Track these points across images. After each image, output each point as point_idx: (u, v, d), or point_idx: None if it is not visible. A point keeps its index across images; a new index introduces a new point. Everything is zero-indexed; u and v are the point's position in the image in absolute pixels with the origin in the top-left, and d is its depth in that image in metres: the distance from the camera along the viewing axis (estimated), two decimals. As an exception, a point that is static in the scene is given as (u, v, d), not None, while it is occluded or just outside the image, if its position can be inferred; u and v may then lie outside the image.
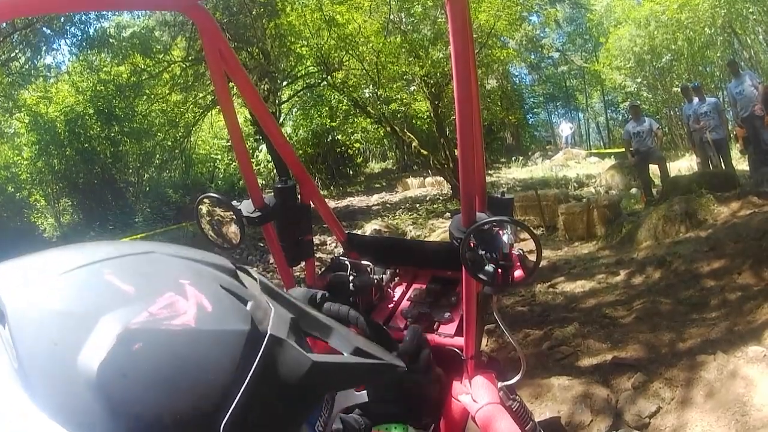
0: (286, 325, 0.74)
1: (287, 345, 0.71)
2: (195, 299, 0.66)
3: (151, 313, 0.62)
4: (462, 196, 1.36)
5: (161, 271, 0.70)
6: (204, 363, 0.62)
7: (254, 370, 0.64)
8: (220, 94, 1.66)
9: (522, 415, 1.88)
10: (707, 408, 3.34)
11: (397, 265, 2.39)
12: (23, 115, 17.89)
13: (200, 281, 0.70)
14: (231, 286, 0.73)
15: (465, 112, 1.22)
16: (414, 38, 15.46)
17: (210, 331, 0.64)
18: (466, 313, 1.71)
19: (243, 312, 0.70)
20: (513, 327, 5.19)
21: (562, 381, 3.76)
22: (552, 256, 8.59)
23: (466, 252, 1.38)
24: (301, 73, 19.28)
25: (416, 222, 13.60)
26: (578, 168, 19.16)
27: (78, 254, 0.69)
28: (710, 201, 7.75)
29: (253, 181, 1.84)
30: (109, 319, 0.60)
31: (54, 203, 19.15)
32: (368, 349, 0.91)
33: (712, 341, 4.08)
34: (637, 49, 19.44)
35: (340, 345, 0.89)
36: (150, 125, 19.89)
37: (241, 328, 0.67)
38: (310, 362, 0.72)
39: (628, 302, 5.42)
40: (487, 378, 1.86)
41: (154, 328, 0.61)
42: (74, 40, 17.33)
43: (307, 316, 0.86)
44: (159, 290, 0.65)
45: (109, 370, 0.57)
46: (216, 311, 0.67)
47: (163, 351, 0.60)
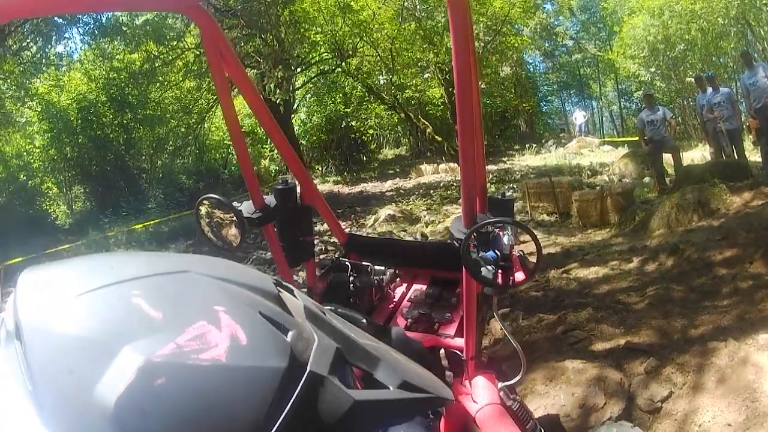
0: (329, 359, 0.69)
1: (328, 383, 0.66)
2: (229, 330, 0.62)
3: (179, 345, 0.58)
4: (463, 196, 1.37)
5: (194, 296, 0.66)
6: (233, 403, 0.58)
7: (288, 410, 0.60)
8: (221, 93, 1.67)
9: (522, 415, 1.88)
10: (718, 393, 3.37)
11: (397, 266, 2.37)
12: (35, 104, 17.96)
13: (237, 308, 0.65)
14: (272, 313, 0.68)
15: (466, 114, 1.23)
16: (428, 25, 15.45)
17: (243, 367, 0.60)
18: (467, 313, 1.72)
19: (282, 345, 0.65)
20: (528, 311, 5.23)
21: (576, 364, 3.79)
22: (566, 242, 8.64)
23: (466, 253, 1.38)
24: (315, 60, 19.24)
25: (430, 208, 13.57)
26: (592, 156, 19.07)
27: (105, 270, 0.65)
28: (723, 191, 7.76)
29: (254, 182, 1.84)
30: (132, 349, 0.56)
31: (66, 191, 19.28)
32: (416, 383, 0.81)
33: (724, 328, 4.09)
34: (651, 38, 19.30)
35: (387, 378, 0.79)
36: (163, 112, 19.99)
37: (278, 365, 0.62)
38: (352, 401, 0.67)
39: (641, 289, 5.43)
40: (487, 378, 1.87)
41: (180, 362, 0.57)
42: (87, 28, 17.32)
43: (353, 346, 0.78)
44: (190, 318, 0.61)
45: (127, 405, 0.54)
46: (251, 344, 0.62)
47: (187, 388, 0.57)
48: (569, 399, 3.51)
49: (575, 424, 3.38)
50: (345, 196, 17.64)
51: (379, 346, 0.84)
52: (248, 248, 10.85)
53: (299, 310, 0.74)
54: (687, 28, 18.21)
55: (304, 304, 0.76)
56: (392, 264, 2.35)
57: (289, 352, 0.64)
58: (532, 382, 3.74)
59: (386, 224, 11.45)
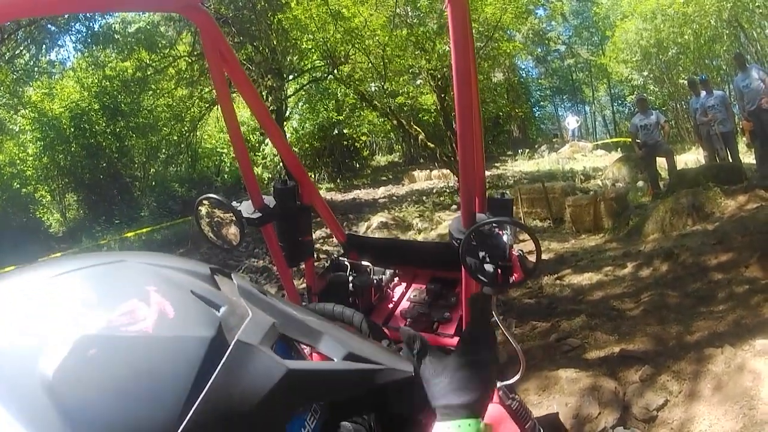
0: (262, 331, 0.71)
1: (258, 352, 0.68)
2: (158, 306, 0.66)
3: (110, 320, 0.63)
4: (462, 196, 1.37)
5: (128, 279, 0.71)
6: (160, 370, 0.61)
7: (215, 377, 0.62)
8: (220, 94, 1.67)
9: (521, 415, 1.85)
10: (715, 401, 3.35)
11: (396, 266, 2.37)
12: (28, 112, 18.01)
13: (169, 287, 0.69)
14: (203, 291, 0.72)
15: (465, 114, 1.22)
16: (420, 31, 15.44)
17: (168, 337, 0.64)
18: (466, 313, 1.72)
19: (210, 317, 0.68)
20: (521, 319, 5.23)
21: (570, 373, 3.78)
22: (559, 248, 8.62)
23: (465, 253, 1.38)
24: (308, 67, 19.31)
25: (423, 215, 13.58)
26: (585, 161, 19.17)
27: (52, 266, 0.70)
28: (717, 194, 7.74)
29: (253, 182, 1.84)
30: (69, 326, 0.61)
31: (60, 199, 19.33)
32: (365, 354, 0.85)
33: (720, 334, 4.09)
34: (643, 42, 19.40)
35: (331, 350, 0.82)
36: (156, 120, 20.00)
37: (204, 335, 0.65)
38: (285, 369, 0.69)
39: (636, 295, 5.44)
40: None
41: (111, 335, 0.61)
42: (79, 36, 17.52)
43: (291, 321, 0.81)
44: (122, 297, 0.66)
45: (64, 375, 0.58)
46: (178, 317, 0.66)
47: (117, 357, 0.60)
48: (563, 409, 3.49)
49: (569, 435, 3.35)
50: (338, 203, 17.65)
51: (324, 323, 0.88)
52: (239, 256, 10.84)
53: (233, 290, 0.78)
54: (680, 31, 18.29)
55: (238, 284, 0.80)
56: (391, 264, 2.35)
57: (218, 324, 0.67)
58: (525, 392, 3.72)
59: (378, 231, 11.46)
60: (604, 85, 31.74)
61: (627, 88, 25.42)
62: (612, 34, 22.78)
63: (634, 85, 22.34)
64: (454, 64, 1.17)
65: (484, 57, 17.60)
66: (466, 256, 1.38)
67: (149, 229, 14.85)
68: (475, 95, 1.28)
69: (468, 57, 1.19)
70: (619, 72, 22.53)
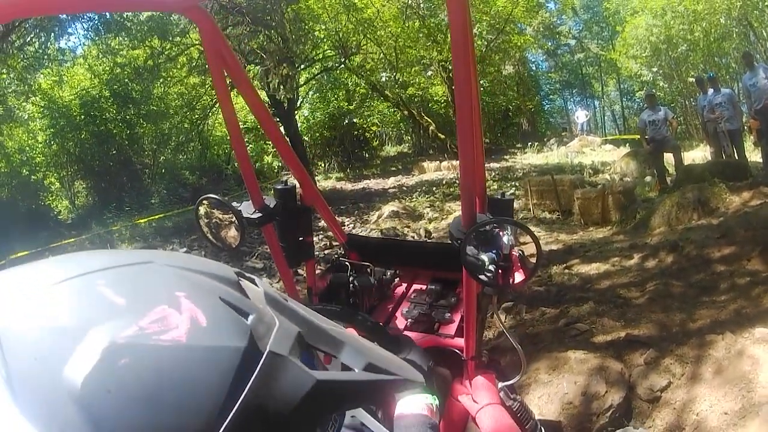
0: (290, 341, 0.71)
1: (289, 362, 0.68)
2: (189, 313, 0.64)
3: (141, 327, 0.60)
4: (462, 197, 1.37)
5: (156, 283, 0.68)
6: (193, 381, 0.60)
7: (249, 388, 0.62)
8: (220, 94, 1.67)
9: (522, 415, 1.89)
10: (715, 384, 3.46)
11: (397, 266, 2.39)
12: (38, 99, 17.91)
13: (197, 294, 0.68)
14: (231, 298, 0.70)
15: (465, 114, 1.23)
16: (432, 23, 15.47)
17: (202, 347, 0.62)
18: (466, 313, 1.72)
19: (241, 326, 0.67)
20: (530, 305, 5.32)
21: (578, 355, 3.87)
22: (567, 239, 8.71)
23: (466, 253, 1.39)
24: (319, 57, 19.27)
25: (433, 204, 13.57)
26: (593, 155, 19.05)
27: (72, 264, 0.68)
28: (722, 190, 7.80)
29: (253, 183, 1.82)
30: (97, 333, 0.59)
31: (69, 186, 19.21)
32: (382, 365, 0.85)
33: (721, 322, 4.18)
34: (653, 38, 19.32)
35: (352, 360, 0.82)
36: (167, 108, 19.94)
37: (237, 345, 0.64)
38: (314, 381, 0.69)
39: (642, 284, 5.51)
40: (487, 378, 1.88)
41: (142, 343, 0.59)
42: (90, 24, 17.31)
43: (316, 330, 0.80)
44: (152, 303, 0.64)
45: (93, 384, 0.56)
46: (211, 326, 0.64)
47: (150, 367, 0.59)
48: (572, 387, 3.59)
49: (578, 410, 3.48)
50: (348, 193, 17.66)
51: (343, 331, 0.86)
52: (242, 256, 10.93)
53: (260, 297, 0.76)
54: (689, 28, 18.23)
55: (264, 290, 0.78)
56: (392, 264, 2.37)
57: (249, 334, 0.66)
58: (536, 372, 3.83)
59: (389, 220, 11.46)
60: (614, 80, 31.52)
61: (636, 83, 25.25)
62: (622, 29, 22.65)
63: (644, 81, 22.22)
64: (454, 65, 1.19)
65: (495, 50, 17.61)
66: (466, 256, 1.39)
67: (160, 216, 14.69)
68: (475, 96, 1.28)
69: (468, 57, 1.19)
70: (629, 67, 22.41)
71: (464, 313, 1.75)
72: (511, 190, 13.32)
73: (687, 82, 19.36)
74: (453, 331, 2.02)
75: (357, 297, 2.17)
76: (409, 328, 2.09)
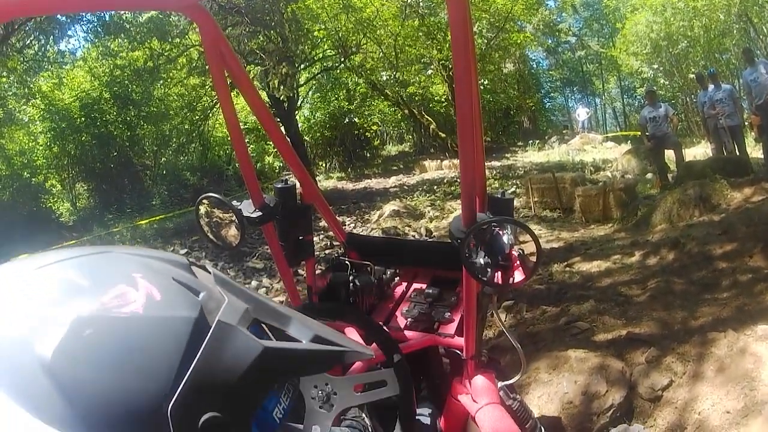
0: (238, 314, 0.77)
1: (238, 331, 0.74)
2: (145, 290, 0.71)
3: (103, 303, 0.67)
4: (462, 196, 1.38)
5: (115, 267, 0.76)
6: (151, 347, 0.66)
7: (201, 353, 0.67)
8: (221, 93, 1.67)
9: (522, 415, 1.90)
10: (717, 382, 3.42)
11: (397, 265, 2.40)
12: (39, 101, 17.92)
13: (152, 274, 0.75)
14: (183, 278, 0.77)
15: (465, 113, 1.23)
16: (431, 21, 15.45)
17: (157, 317, 0.69)
18: (466, 313, 1.73)
19: (193, 301, 0.74)
20: (531, 304, 5.29)
21: (579, 353, 3.85)
22: (569, 237, 8.69)
23: (466, 252, 1.40)
24: (319, 56, 19.26)
25: (434, 204, 13.57)
26: (594, 152, 19.05)
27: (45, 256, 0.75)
28: (724, 186, 7.79)
29: (254, 181, 1.83)
30: (64, 310, 0.66)
31: (70, 188, 19.21)
32: (329, 337, 0.90)
33: (723, 320, 4.16)
34: (653, 35, 19.28)
35: (299, 333, 0.88)
36: (167, 109, 19.94)
37: (189, 315, 0.71)
38: (261, 348, 0.74)
39: (643, 282, 5.49)
40: (486, 378, 1.88)
41: (104, 316, 0.66)
42: (90, 26, 17.35)
43: (262, 307, 0.86)
44: (111, 283, 0.71)
45: (61, 354, 0.62)
46: (165, 300, 0.71)
47: (112, 336, 0.65)
48: (572, 386, 3.57)
49: (578, 410, 3.45)
50: (349, 192, 17.65)
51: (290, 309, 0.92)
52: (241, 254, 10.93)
53: (210, 279, 0.83)
54: (689, 24, 18.19)
55: (214, 274, 0.84)
56: (392, 263, 2.37)
57: (199, 307, 0.73)
58: (536, 371, 3.80)
59: (390, 219, 11.43)
60: (614, 78, 31.48)
61: (637, 80, 25.16)
62: (622, 26, 22.61)
63: (644, 78, 22.16)
64: (454, 64, 1.19)
65: (495, 48, 17.60)
66: (466, 255, 1.41)
67: (161, 218, 14.72)
68: (476, 95, 1.28)
69: (468, 57, 1.20)
70: (629, 64, 22.38)
71: (464, 312, 1.76)
72: (512, 189, 13.35)
73: (687, 79, 19.30)
74: (453, 331, 2.02)
75: (357, 296, 2.17)
76: (408, 328, 2.09)
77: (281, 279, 2.16)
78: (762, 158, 10.82)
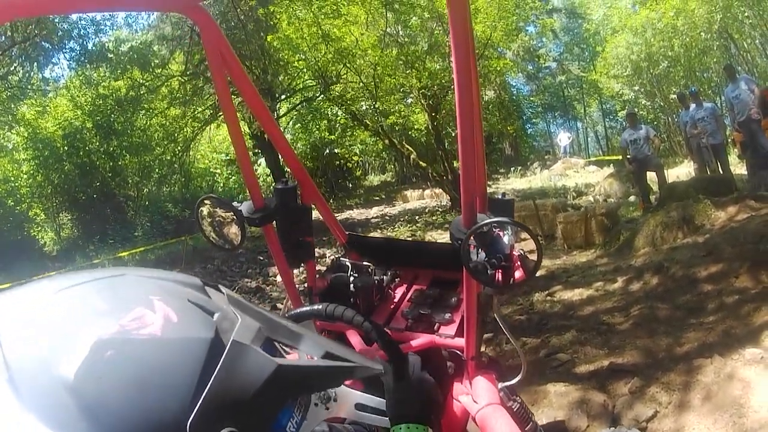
0: (251, 333, 0.79)
1: (251, 350, 0.75)
2: (162, 312, 0.72)
3: (122, 325, 0.68)
4: (463, 197, 1.36)
5: (132, 289, 0.77)
6: (170, 367, 0.67)
7: (217, 372, 0.69)
8: (222, 96, 1.68)
9: (522, 416, 1.89)
10: (704, 411, 3.36)
11: (397, 267, 2.39)
12: (22, 129, 18.02)
13: (168, 297, 0.75)
14: (198, 300, 0.78)
15: (465, 114, 1.22)
16: (411, 50, 15.51)
17: (175, 339, 0.70)
18: (467, 314, 1.72)
19: (208, 322, 0.75)
20: (510, 336, 5.21)
21: (559, 388, 3.78)
22: (550, 265, 8.65)
23: (466, 253, 1.39)
24: (299, 87, 19.34)
25: (414, 234, 13.73)
26: (577, 177, 19.25)
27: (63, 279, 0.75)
28: (707, 206, 7.76)
29: (254, 183, 1.86)
30: (85, 332, 0.66)
31: (54, 217, 19.23)
32: (339, 353, 0.94)
33: (710, 344, 4.10)
34: (634, 56, 19.51)
35: (311, 350, 0.92)
36: (149, 139, 20.06)
37: (205, 336, 0.72)
38: (275, 365, 0.76)
39: (626, 308, 5.45)
40: (487, 379, 1.87)
41: (124, 338, 0.67)
42: (73, 54, 17.56)
43: (275, 325, 0.88)
44: (130, 305, 0.71)
45: (84, 375, 0.62)
46: (181, 322, 0.72)
47: (132, 357, 0.66)
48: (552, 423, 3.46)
49: (558, 448, 3.33)
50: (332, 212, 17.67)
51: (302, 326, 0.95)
52: (233, 276, 10.80)
53: (223, 299, 0.84)
54: (670, 44, 18.41)
55: (227, 294, 0.86)
56: (392, 264, 2.38)
57: (215, 327, 0.74)
58: (513, 408, 3.69)
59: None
60: (596, 101, 31.88)
61: (618, 103, 25.48)
62: (602, 49, 22.93)
63: (626, 100, 22.41)
64: (455, 65, 1.17)
65: (475, 75, 17.69)
66: (466, 256, 1.40)
67: (143, 249, 14.85)
68: (476, 96, 1.28)
69: (468, 57, 1.19)
70: (610, 87, 22.64)
71: (465, 313, 1.76)
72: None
73: (669, 99, 19.51)
74: (453, 332, 2.01)
75: (357, 297, 2.18)
76: (409, 328, 2.10)
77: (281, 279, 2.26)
78: (746, 175, 10.82)
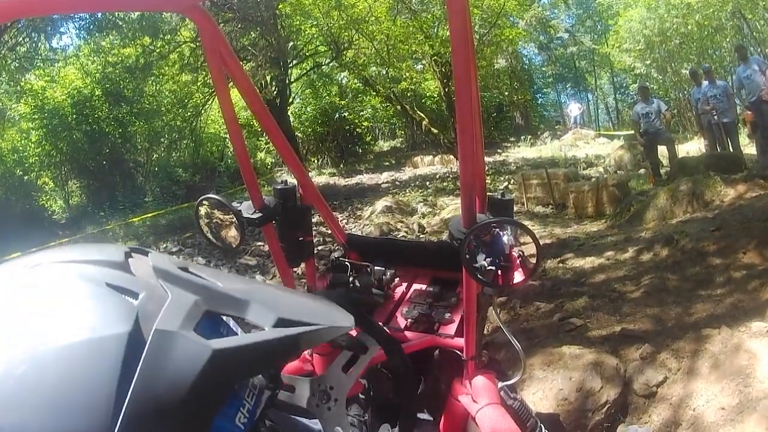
0: (182, 313, 0.69)
1: (180, 337, 0.66)
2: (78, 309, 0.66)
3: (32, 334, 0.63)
4: (462, 196, 1.37)
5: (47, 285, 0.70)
6: (84, 378, 0.61)
7: (139, 374, 0.62)
8: (220, 93, 1.65)
9: (523, 415, 1.89)
10: (712, 379, 3.42)
11: (397, 266, 2.35)
12: (30, 99, 17.86)
13: (85, 285, 0.69)
14: (119, 281, 0.71)
15: (465, 113, 1.21)
16: (424, 17, 15.41)
17: (90, 340, 0.63)
18: (466, 313, 1.73)
19: (127, 310, 0.67)
20: (525, 300, 5.28)
21: (573, 350, 3.83)
22: (561, 233, 8.69)
23: (466, 253, 1.39)
24: (311, 52, 19.19)
25: (426, 199, 13.59)
26: (587, 148, 19.13)
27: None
28: (717, 182, 7.80)
29: (253, 182, 1.81)
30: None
31: (63, 185, 19.19)
32: (297, 317, 0.80)
33: (717, 316, 4.17)
34: (647, 31, 19.31)
35: (260, 318, 0.77)
36: (159, 105, 19.97)
37: (120, 331, 0.64)
38: (210, 350, 0.67)
39: (636, 278, 5.48)
40: (487, 378, 1.88)
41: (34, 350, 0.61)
42: (82, 23, 17.28)
43: (215, 295, 0.76)
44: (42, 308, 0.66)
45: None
46: (97, 316, 0.66)
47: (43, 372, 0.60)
48: (567, 383, 3.55)
49: (573, 407, 3.44)
50: (341, 188, 17.63)
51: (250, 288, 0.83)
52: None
53: (150, 271, 0.75)
54: (683, 21, 18.22)
55: (153, 264, 0.77)
56: (392, 264, 2.33)
57: (134, 316, 0.66)
58: (530, 368, 3.78)
59: (383, 216, 11.41)
60: (607, 74, 31.52)
61: (630, 76, 25.24)
62: (615, 22, 22.69)
63: (637, 74, 22.18)
64: (453, 63, 1.17)
65: (487, 43, 17.59)
66: (466, 256, 1.40)
67: (154, 215, 14.69)
68: (475, 94, 1.27)
69: (468, 55, 1.18)
70: (622, 61, 22.46)
71: (464, 313, 1.75)
72: (505, 185, 13.35)
73: (681, 75, 19.34)
74: (453, 331, 1.99)
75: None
76: (408, 328, 2.07)
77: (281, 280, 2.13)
78: (755, 155, 10.83)
